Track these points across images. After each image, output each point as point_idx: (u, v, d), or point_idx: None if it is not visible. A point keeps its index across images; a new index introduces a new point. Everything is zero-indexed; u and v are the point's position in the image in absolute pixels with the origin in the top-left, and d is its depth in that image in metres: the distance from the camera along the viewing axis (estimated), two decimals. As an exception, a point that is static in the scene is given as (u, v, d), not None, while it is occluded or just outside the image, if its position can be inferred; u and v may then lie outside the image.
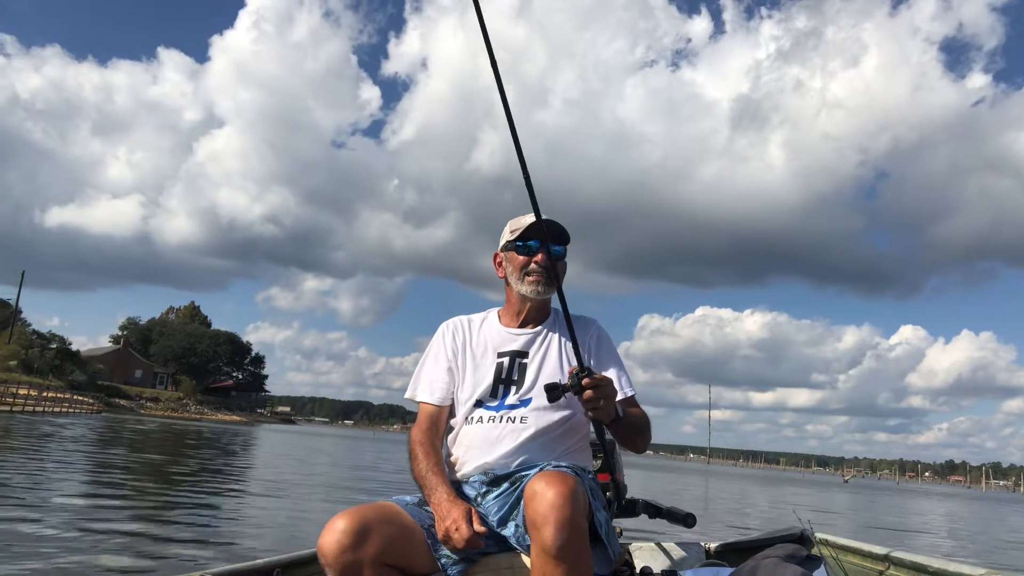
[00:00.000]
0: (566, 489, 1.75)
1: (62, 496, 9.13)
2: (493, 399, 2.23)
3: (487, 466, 2.15)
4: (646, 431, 2.28)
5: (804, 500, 27.21)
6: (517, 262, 2.34)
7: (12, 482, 10.07)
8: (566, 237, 2.34)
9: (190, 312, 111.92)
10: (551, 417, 2.18)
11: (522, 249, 2.33)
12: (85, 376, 72.12)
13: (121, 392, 75.92)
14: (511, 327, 2.37)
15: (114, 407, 66.52)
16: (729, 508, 18.96)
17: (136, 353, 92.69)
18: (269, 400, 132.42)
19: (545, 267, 2.28)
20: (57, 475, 11.68)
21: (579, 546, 1.74)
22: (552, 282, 2.26)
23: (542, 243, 2.27)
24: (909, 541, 13.69)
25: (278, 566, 2.27)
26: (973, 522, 24.21)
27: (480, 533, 1.90)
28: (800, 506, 22.23)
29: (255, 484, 13.77)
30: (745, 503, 21.88)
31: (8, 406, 38.57)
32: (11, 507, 7.83)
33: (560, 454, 2.17)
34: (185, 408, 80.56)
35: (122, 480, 12.03)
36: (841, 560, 2.98)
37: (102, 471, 13.49)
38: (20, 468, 12.24)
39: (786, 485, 46.22)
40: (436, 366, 2.34)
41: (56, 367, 68.31)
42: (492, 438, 2.16)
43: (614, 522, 2.70)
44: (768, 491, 32.73)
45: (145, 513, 8.63)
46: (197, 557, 6.15)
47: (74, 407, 52.04)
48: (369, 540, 1.81)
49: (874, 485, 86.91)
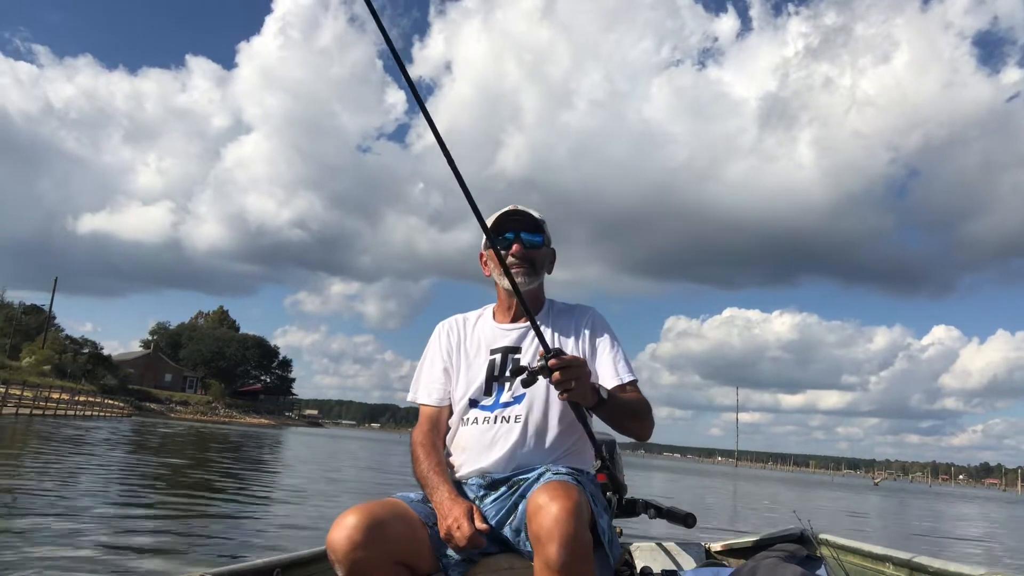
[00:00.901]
0: (570, 504, 1.72)
1: (89, 497, 9.31)
2: (488, 397, 2.20)
3: (483, 470, 2.12)
4: (643, 417, 2.18)
5: (832, 503, 26.89)
6: (495, 258, 2.25)
7: (42, 483, 10.29)
8: (539, 224, 2.30)
9: (219, 317, 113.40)
10: (546, 413, 2.14)
11: (496, 243, 2.25)
12: (116, 380, 73.37)
13: (151, 396, 77.15)
14: (503, 323, 2.33)
15: (144, 411, 67.65)
16: (760, 514, 18.68)
17: (166, 357, 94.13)
18: (297, 403, 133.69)
19: (522, 257, 2.25)
20: (84, 477, 11.90)
21: (583, 562, 1.72)
22: (534, 271, 2.25)
23: (516, 234, 2.25)
24: (946, 550, 13.21)
25: (278, 566, 2.26)
26: (1012, 527, 23.62)
27: (482, 531, 1.89)
28: (829, 510, 21.99)
29: (281, 486, 13.93)
30: (775, 506, 21.58)
31: (41, 410, 39.24)
32: (41, 507, 8.01)
33: (559, 455, 2.13)
34: (214, 411, 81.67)
35: (146, 483, 12.22)
36: (841, 560, 2.95)
37: (127, 474, 13.70)
38: (49, 470, 12.48)
39: (815, 488, 45.68)
40: (432, 368, 2.33)
41: (88, 372, 69.55)
42: (487, 440, 2.14)
43: (614, 522, 2.70)
44: (796, 494, 32.37)
45: (168, 513, 8.78)
46: (220, 553, 6.25)
47: (105, 411, 52.92)
48: (379, 536, 1.81)
49: (905, 488, 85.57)
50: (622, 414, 2.11)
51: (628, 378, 2.23)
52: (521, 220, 2.27)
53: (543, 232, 2.31)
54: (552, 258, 2.39)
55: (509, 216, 2.27)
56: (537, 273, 2.28)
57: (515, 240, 2.26)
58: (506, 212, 2.26)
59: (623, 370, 2.24)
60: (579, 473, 2.09)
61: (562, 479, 1.89)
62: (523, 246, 2.24)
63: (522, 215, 2.27)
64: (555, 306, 2.38)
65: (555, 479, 1.89)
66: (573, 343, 2.27)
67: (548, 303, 2.38)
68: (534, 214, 2.30)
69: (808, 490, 39.85)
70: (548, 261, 2.36)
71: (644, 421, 2.18)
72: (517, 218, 2.27)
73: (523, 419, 2.13)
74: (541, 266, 2.30)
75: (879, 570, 2.75)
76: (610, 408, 2.03)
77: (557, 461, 2.11)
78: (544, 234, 2.31)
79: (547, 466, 2.06)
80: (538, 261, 2.28)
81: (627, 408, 2.12)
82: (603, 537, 1.94)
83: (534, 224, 2.28)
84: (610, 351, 2.27)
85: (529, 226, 2.28)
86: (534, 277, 2.27)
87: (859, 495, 39.98)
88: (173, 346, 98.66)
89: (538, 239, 2.29)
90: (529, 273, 2.25)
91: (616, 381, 2.20)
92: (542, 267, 2.31)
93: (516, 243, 2.25)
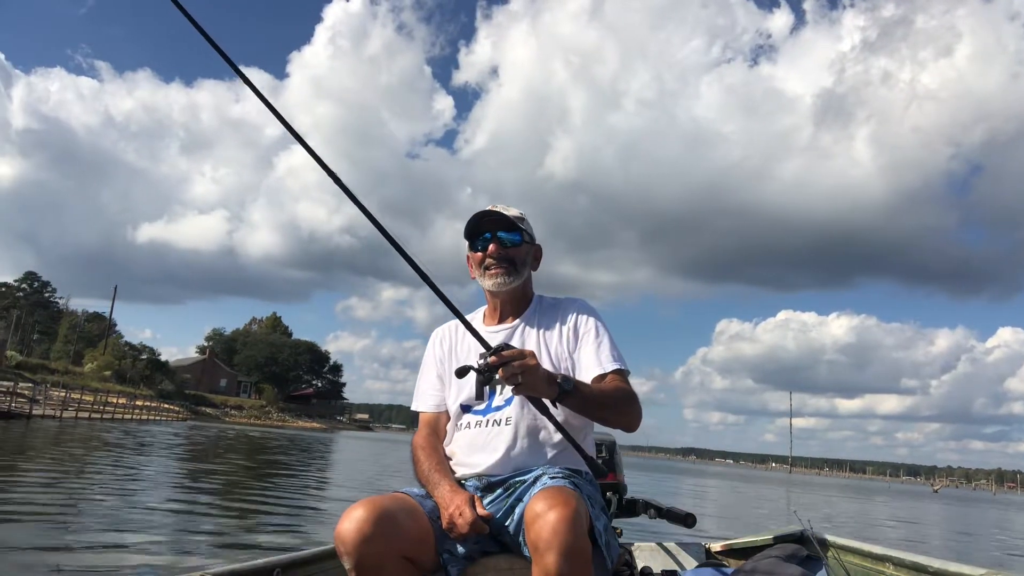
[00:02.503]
0: (568, 511, 1.71)
1: (147, 494, 9.74)
2: (480, 402, 2.19)
3: (479, 472, 2.12)
4: (622, 407, 2.09)
5: (885, 511, 26.18)
6: (476, 259, 2.30)
7: (104, 482, 10.73)
8: (516, 223, 2.27)
9: (272, 323, 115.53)
10: (537, 414, 2.05)
11: (475, 245, 2.30)
12: (173, 385, 75.53)
13: (207, 400, 79.01)
14: (492, 325, 2.33)
15: (200, 415, 69.30)
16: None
17: (221, 363, 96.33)
18: (348, 407, 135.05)
19: (500, 256, 2.25)
20: (141, 475, 12.34)
21: (582, 570, 1.71)
22: (514, 270, 2.24)
23: (493, 234, 2.25)
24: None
25: (278, 566, 2.26)
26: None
27: (484, 517, 1.90)
28: (875, 517, 21.41)
29: (332, 486, 14.19)
30: (834, 514, 21.00)
31: (99, 413, 40.61)
32: (102, 503, 8.53)
33: (554, 456, 2.11)
34: (267, 416, 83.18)
35: (203, 484, 12.63)
36: (841, 560, 2.92)
37: (184, 474, 14.13)
38: (109, 469, 12.95)
39: (870, 495, 44.51)
40: (428, 375, 2.36)
41: (146, 377, 71.63)
42: (480, 444, 2.14)
43: (614, 522, 2.72)
44: (850, 502, 31.60)
45: (224, 510, 9.12)
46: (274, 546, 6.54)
47: (161, 415, 54.49)
48: (388, 529, 1.81)
49: (967, 496, 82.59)
50: (594, 404, 2.03)
51: (611, 367, 2.17)
52: (497, 220, 2.26)
53: (521, 230, 2.29)
54: (537, 254, 2.38)
55: (485, 217, 2.26)
56: (518, 271, 2.27)
57: (492, 240, 2.25)
58: (481, 213, 2.26)
59: (606, 359, 2.18)
60: (576, 475, 2.07)
61: (559, 484, 1.88)
62: (500, 245, 2.24)
63: (498, 215, 2.26)
64: (543, 302, 2.36)
65: (552, 484, 1.88)
66: (559, 337, 2.25)
67: (536, 299, 2.37)
68: (512, 212, 2.29)
69: (863, 497, 38.84)
70: (532, 258, 2.35)
71: (624, 411, 2.10)
72: (493, 218, 2.26)
73: (514, 421, 2.12)
74: (522, 264, 2.29)
75: (879, 570, 2.71)
76: (579, 399, 1.96)
77: (553, 461, 2.10)
78: (523, 231, 2.29)
79: (544, 468, 2.05)
80: (518, 259, 2.27)
81: (599, 398, 2.04)
82: (599, 539, 1.91)
83: (510, 223, 2.26)
84: (594, 340, 2.22)
85: (506, 225, 2.26)
86: (515, 276, 2.26)
87: (916, 502, 38.77)
88: (228, 351, 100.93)
89: (516, 237, 2.27)
90: (509, 272, 2.25)
91: (599, 370, 2.15)
92: (523, 265, 2.29)
93: (493, 243, 2.25)
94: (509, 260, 2.25)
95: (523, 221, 2.31)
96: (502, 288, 2.26)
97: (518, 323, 2.30)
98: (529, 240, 2.32)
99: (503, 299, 2.31)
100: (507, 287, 2.26)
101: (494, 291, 2.29)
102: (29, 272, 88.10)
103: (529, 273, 2.35)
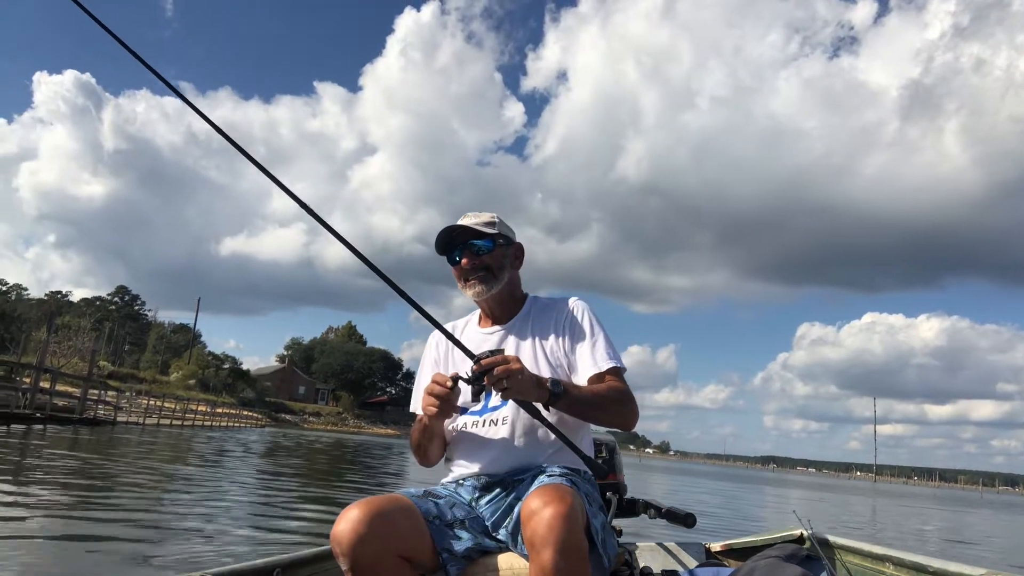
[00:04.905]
0: (564, 508, 1.71)
1: (227, 494, 10.39)
2: (476, 403, 2.22)
3: (477, 472, 2.16)
4: (617, 407, 2.11)
5: (983, 523, 24.94)
6: (455, 274, 2.32)
7: (191, 483, 11.46)
8: (480, 231, 2.27)
9: (348, 331, 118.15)
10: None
11: (451, 260, 2.31)
12: (254, 393, 78.16)
13: (286, 407, 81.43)
14: (486, 327, 2.36)
15: (279, 422, 71.52)
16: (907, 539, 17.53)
17: (299, 371, 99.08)
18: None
19: (475, 266, 2.26)
20: (225, 477, 13.14)
21: (578, 566, 1.72)
22: (492, 276, 2.26)
23: (464, 245, 2.27)
24: None
25: (278, 566, 2.26)
26: None
27: (454, 378, 1.98)
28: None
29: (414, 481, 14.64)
30: (924, 527, 20.11)
31: (180, 420, 42.22)
32: (190, 503, 9.12)
33: (552, 455, 2.13)
34: (344, 422, 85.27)
35: (282, 484, 13.27)
36: (841, 560, 2.86)
37: (264, 475, 14.87)
38: (195, 471, 13.70)
39: (959, 505, 42.49)
40: (425, 378, 2.31)
41: (229, 385, 74.32)
42: (477, 444, 2.17)
43: (615, 522, 2.72)
44: (935, 513, 30.22)
45: (301, 508, 9.65)
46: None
47: (242, 422, 56.42)
48: (383, 530, 1.82)
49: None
50: (586, 405, 2.06)
51: (607, 365, 2.17)
52: (465, 230, 2.27)
53: (492, 235, 2.29)
54: (517, 253, 2.37)
55: (453, 231, 2.27)
56: (496, 276, 2.28)
57: (464, 252, 2.27)
58: (448, 228, 2.26)
59: (601, 358, 2.18)
60: (574, 473, 2.09)
61: (556, 482, 1.89)
62: (472, 254, 2.25)
63: (460, 228, 2.28)
64: (537, 302, 2.37)
65: (549, 482, 1.89)
66: (554, 337, 2.25)
67: (530, 300, 2.39)
68: (482, 218, 2.31)
69: (950, 507, 37.06)
70: (512, 258, 2.35)
71: (618, 411, 2.11)
72: (462, 229, 2.27)
73: (511, 420, 2.15)
74: (499, 268, 2.29)
75: (879, 570, 2.65)
76: (570, 401, 1.99)
77: (551, 460, 2.12)
78: (494, 235, 2.29)
79: (542, 467, 2.08)
80: (494, 265, 2.28)
81: (591, 399, 2.06)
82: (596, 538, 1.91)
83: (478, 232, 2.27)
84: (589, 339, 2.22)
85: (474, 233, 2.27)
86: (494, 282, 2.27)
87: (1013, 515, 36.70)
88: (306, 360, 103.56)
89: (488, 244, 2.28)
90: (486, 280, 2.27)
91: (594, 369, 2.16)
92: (500, 268, 2.30)
93: (465, 255, 2.27)
94: (485, 267, 2.27)
95: (494, 225, 2.32)
96: (483, 296, 2.29)
97: (512, 324, 2.33)
98: (504, 242, 2.32)
99: (490, 304, 2.34)
100: (488, 294, 2.28)
101: (477, 300, 2.32)
102: (120, 286, 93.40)
103: (513, 274, 2.36)
